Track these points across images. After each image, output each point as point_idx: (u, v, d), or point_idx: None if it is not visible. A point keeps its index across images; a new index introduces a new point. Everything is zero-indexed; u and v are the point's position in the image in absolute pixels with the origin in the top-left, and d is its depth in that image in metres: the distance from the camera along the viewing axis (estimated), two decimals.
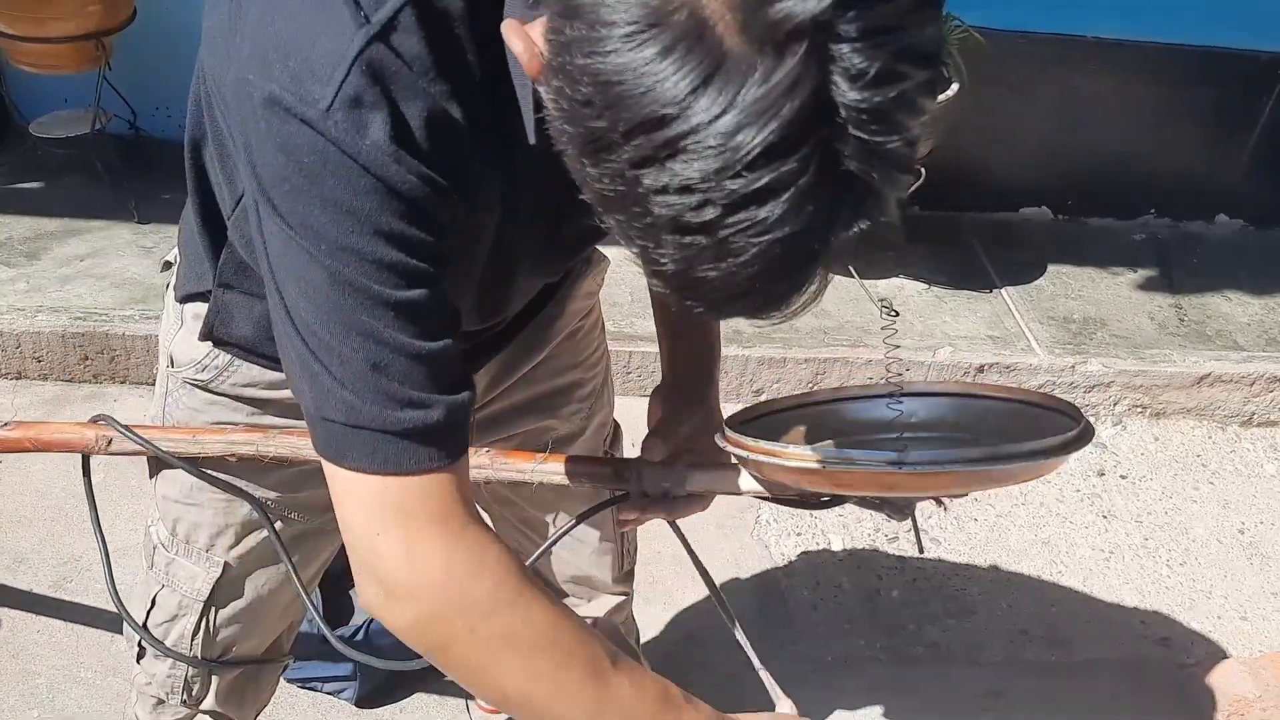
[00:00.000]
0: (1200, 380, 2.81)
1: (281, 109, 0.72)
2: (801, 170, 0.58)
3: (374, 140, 0.72)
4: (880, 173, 0.60)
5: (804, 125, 0.57)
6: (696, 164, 0.58)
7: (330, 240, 0.74)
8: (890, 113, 0.58)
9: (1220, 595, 2.39)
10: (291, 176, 0.73)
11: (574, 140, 0.63)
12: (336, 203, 0.73)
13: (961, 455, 0.88)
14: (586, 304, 1.32)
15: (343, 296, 0.75)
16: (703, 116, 0.57)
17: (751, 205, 0.59)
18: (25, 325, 2.49)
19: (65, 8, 2.57)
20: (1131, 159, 3.22)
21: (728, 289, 0.64)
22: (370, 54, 0.72)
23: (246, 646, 1.28)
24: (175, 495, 1.18)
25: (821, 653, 2.19)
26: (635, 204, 0.62)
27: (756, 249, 0.61)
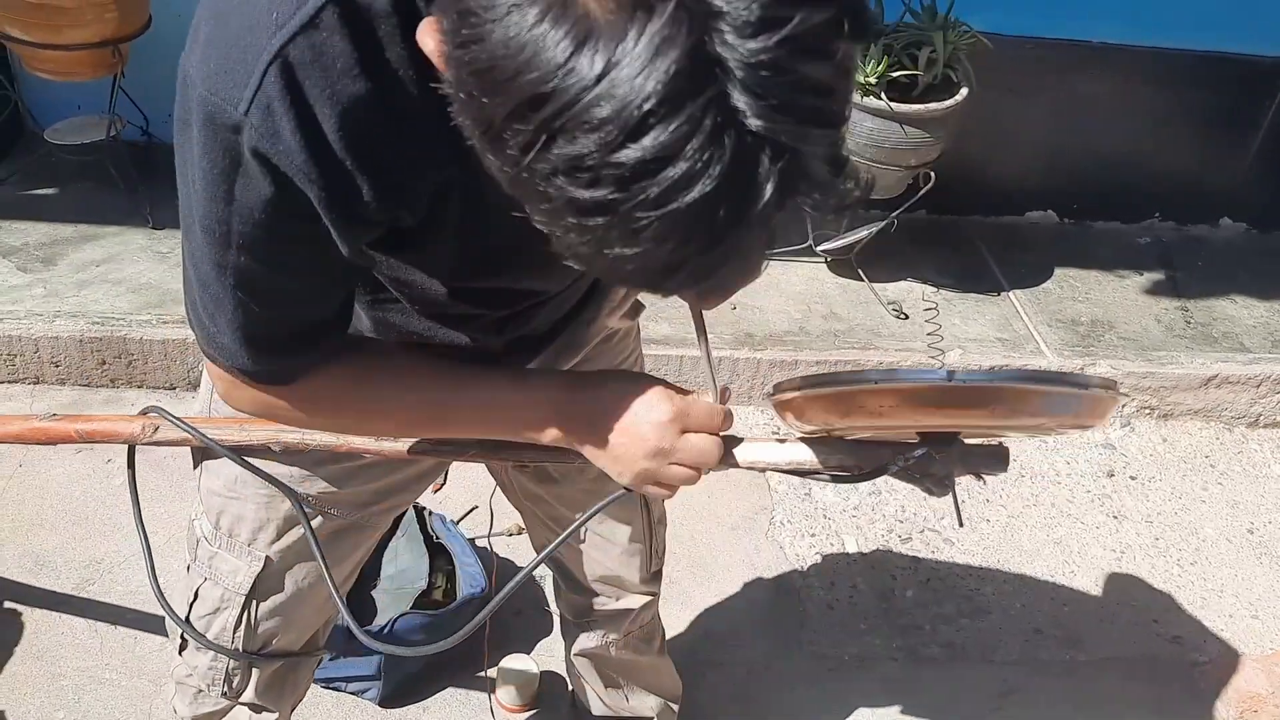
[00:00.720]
0: (1207, 382, 2.83)
1: (207, 107, 0.77)
2: (691, 132, 0.55)
3: (286, 145, 0.75)
4: (788, 128, 0.56)
5: (686, 82, 0.54)
6: (580, 140, 0.56)
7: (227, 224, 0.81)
8: (784, 61, 0.55)
9: (1231, 594, 2.42)
10: (207, 165, 0.79)
11: (472, 133, 0.62)
12: (242, 199, 0.79)
13: (1009, 374, 0.89)
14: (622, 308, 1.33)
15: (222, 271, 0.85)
16: (577, 88, 0.55)
17: (645, 176, 0.56)
18: (43, 330, 2.50)
19: (82, 15, 2.58)
20: (1136, 163, 3.25)
21: (650, 267, 0.61)
22: (287, 54, 0.73)
23: (286, 640, 1.29)
24: (219, 489, 1.20)
25: (837, 652, 2.21)
26: (534, 191, 0.60)
27: (660, 222, 0.57)
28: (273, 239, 0.82)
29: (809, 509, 2.51)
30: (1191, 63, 3.11)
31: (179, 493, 2.21)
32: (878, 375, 0.89)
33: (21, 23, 2.58)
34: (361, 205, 0.80)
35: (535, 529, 1.51)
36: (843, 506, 2.52)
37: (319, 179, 0.77)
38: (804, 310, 2.87)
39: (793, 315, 2.84)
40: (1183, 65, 3.11)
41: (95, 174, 2.90)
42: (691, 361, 2.65)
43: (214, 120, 0.77)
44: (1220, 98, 3.18)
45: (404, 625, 1.92)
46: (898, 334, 2.82)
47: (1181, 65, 3.11)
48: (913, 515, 2.52)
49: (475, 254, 0.94)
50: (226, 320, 0.88)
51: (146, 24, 2.76)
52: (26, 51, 2.67)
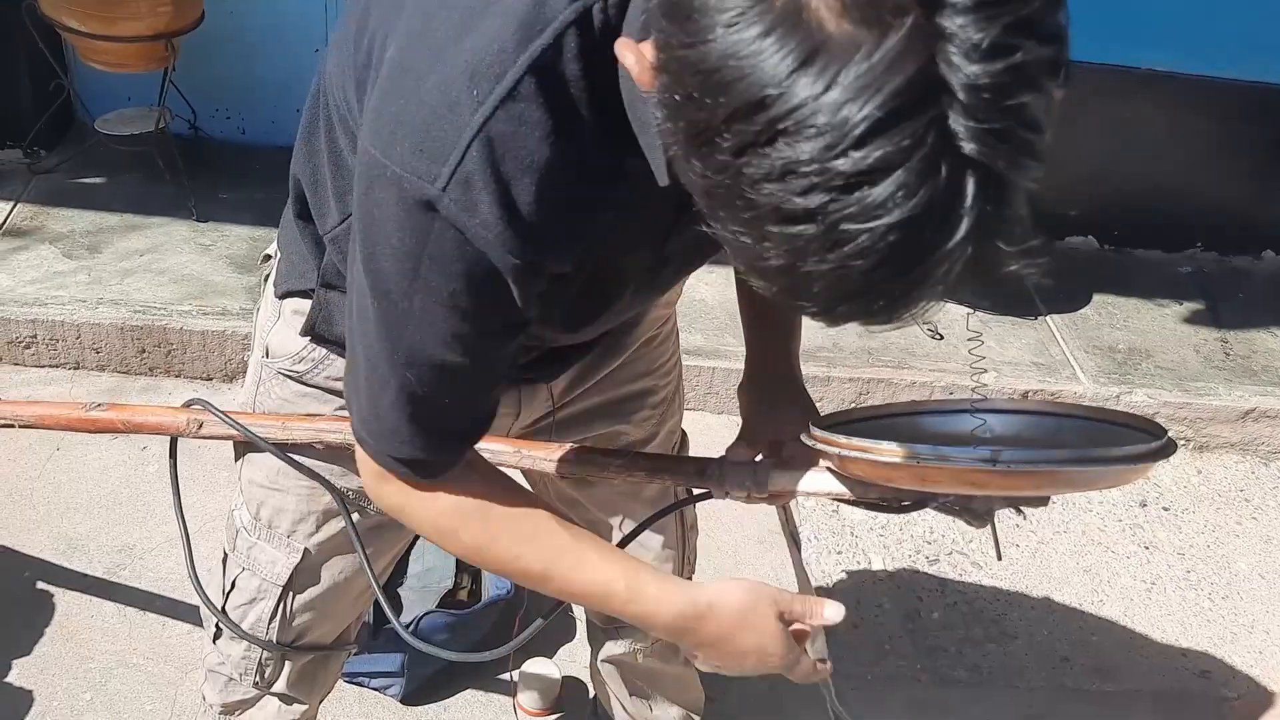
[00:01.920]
0: (1245, 415, 2.80)
1: (399, 187, 0.77)
2: (911, 148, 0.55)
3: (483, 219, 0.76)
4: (1001, 155, 0.57)
5: (913, 100, 0.55)
6: (800, 145, 0.56)
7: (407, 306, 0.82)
8: (1007, 88, 0.56)
9: (1263, 630, 2.38)
10: (395, 245, 0.80)
11: (679, 138, 0.62)
12: (428, 277, 0.80)
13: (1054, 456, 0.89)
14: (664, 313, 1.34)
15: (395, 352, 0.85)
16: (804, 95, 0.55)
17: (859, 187, 0.56)
18: (86, 316, 2.53)
19: (138, 8, 2.63)
20: (1179, 191, 3.22)
21: (839, 286, 0.61)
22: (489, 129, 0.74)
23: (319, 633, 1.30)
24: (261, 480, 1.21)
25: (862, 671, 2.19)
26: (739, 197, 0.60)
27: (867, 237, 0.57)
28: (454, 315, 0.83)
29: (836, 525, 2.50)
30: (1240, 93, 3.08)
31: (212, 482, 2.23)
32: (923, 453, 0.89)
33: (78, 14, 2.62)
34: (548, 263, 0.82)
35: None
36: (870, 525, 2.51)
37: (515, 248, 0.78)
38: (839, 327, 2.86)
39: (826, 331, 2.83)
40: (1231, 95, 3.08)
41: (142, 165, 2.94)
42: (724, 374, 2.64)
43: (406, 197, 0.77)
44: (1266, 129, 3.15)
45: (429, 624, 1.92)
46: (932, 354, 2.81)
47: (1229, 95, 3.08)
48: (941, 536, 2.50)
49: (586, 300, 0.96)
50: (390, 402, 0.89)
51: (199, 19, 2.80)
52: (81, 42, 2.72)
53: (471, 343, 0.85)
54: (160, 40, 2.70)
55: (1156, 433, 0.98)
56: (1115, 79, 3.04)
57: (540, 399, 1.24)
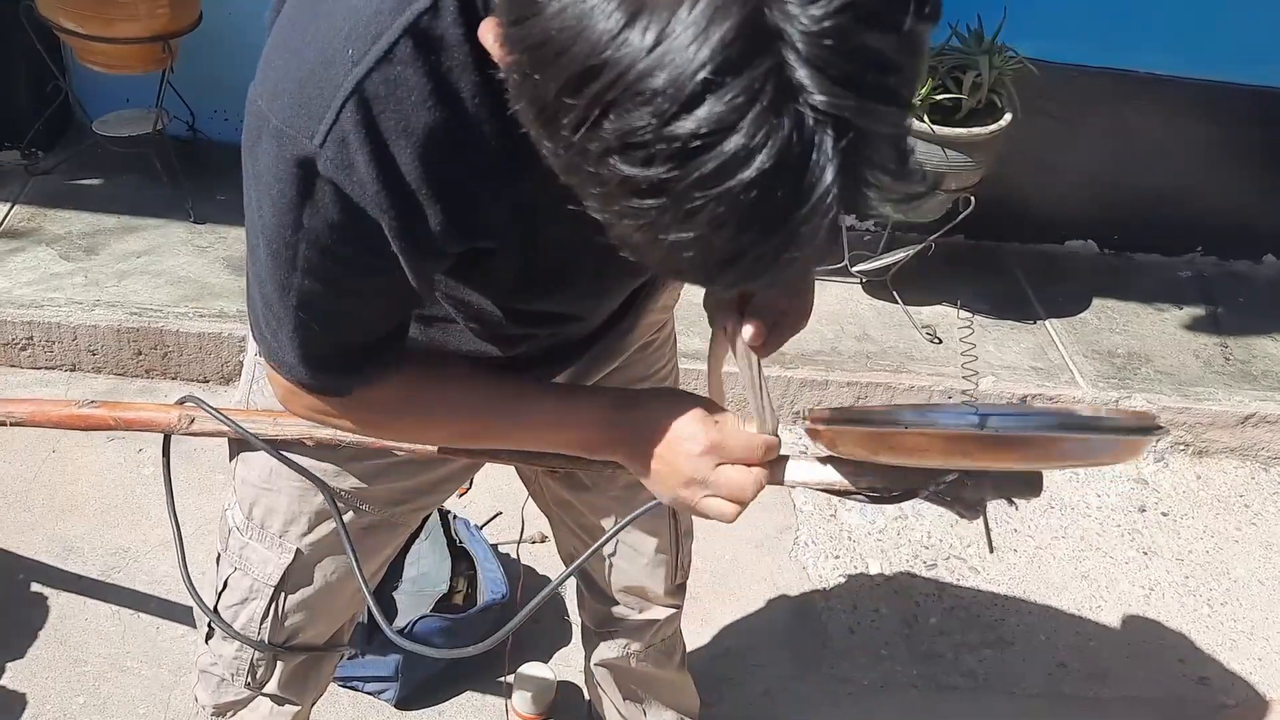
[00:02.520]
0: (1245, 420, 2.80)
1: (280, 141, 0.77)
2: (748, 103, 0.53)
3: (359, 178, 0.76)
4: (852, 103, 0.54)
5: (742, 51, 0.52)
6: (632, 114, 0.54)
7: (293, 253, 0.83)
8: (847, 29, 0.53)
9: (1262, 637, 2.37)
10: (277, 195, 0.80)
11: (527, 117, 0.61)
12: (311, 228, 0.81)
13: (1042, 422, 0.88)
14: (661, 318, 1.33)
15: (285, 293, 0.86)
16: (630, 59, 0.53)
17: (700, 152, 0.54)
18: (83, 319, 2.53)
19: (135, 9, 2.62)
20: (1179, 196, 3.22)
21: (708, 256, 0.59)
22: (363, 89, 0.74)
23: (312, 633, 1.30)
24: (254, 479, 1.20)
25: (857, 676, 2.18)
26: (589, 175, 0.58)
27: (717, 204, 0.55)
28: (338, 265, 0.83)
29: (834, 530, 2.49)
30: (1241, 97, 3.08)
31: (206, 485, 2.22)
32: (911, 418, 0.88)
33: (76, 15, 2.62)
34: (431, 235, 0.81)
35: (563, 536, 1.51)
36: (868, 529, 2.50)
37: (391, 209, 0.78)
38: (836, 330, 2.86)
39: (825, 335, 2.83)
40: (1232, 99, 3.08)
41: (140, 167, 2.94)
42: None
43: (286, 152, 0.78)
44: (1267, 133, 3.15)
45: (424, 628, 1.92)
46: (931, 358, 2.80)
47: (1231, 99, 3.08)
48: (938, 541, 2.50)
49: (536, 274, 0.94)
50: (287, 337, 0.90)
51: (197, 21, 2.79)
52: (79, 43, 2.71)
53: (359, 288, 0.87)
54: (158, 42, 2.70)
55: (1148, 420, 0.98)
56: (1115, 83, 3.04)
57: None
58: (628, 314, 1.24)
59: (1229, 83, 3.04)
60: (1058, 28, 2.90)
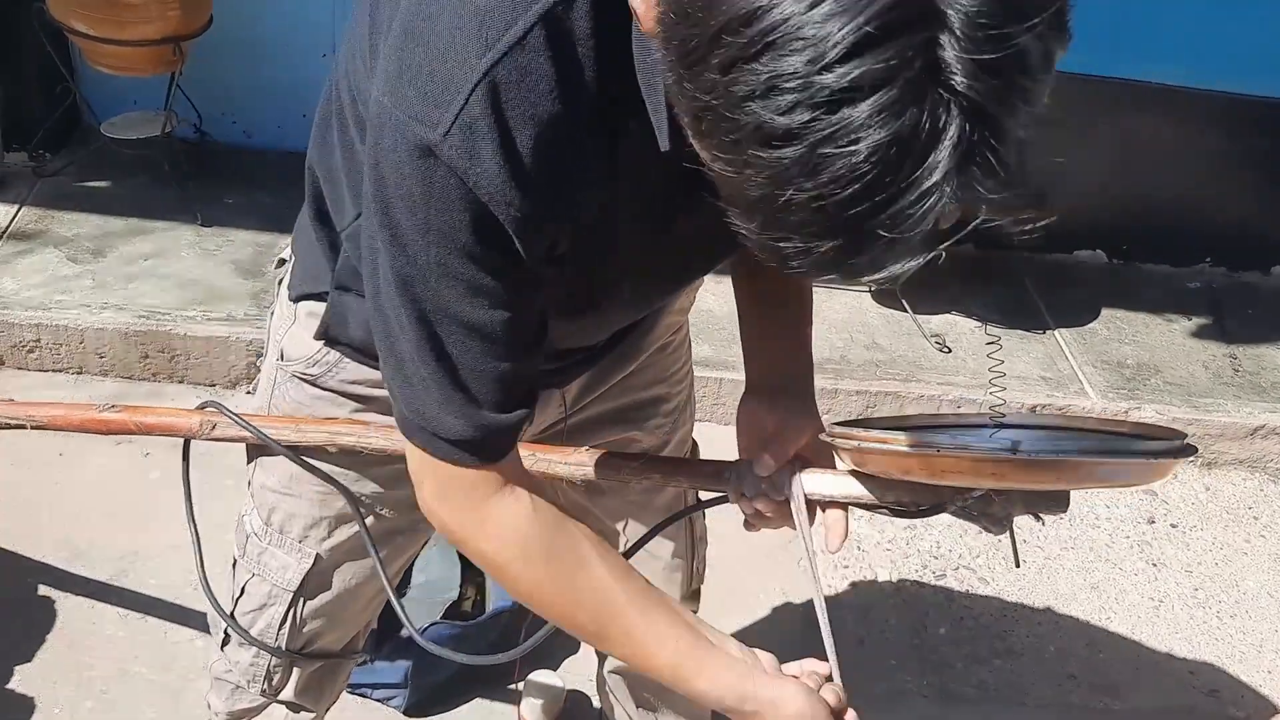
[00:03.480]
0: (1254, 432, 2.79)
1: (404, 133, 0.76)
2: (898, 69, 0.54)
3: (484, 167, 0.75)
4: (993, 94, 0.55)
5: (903, 20, 0.54)
6: (786, 59, 0.55)
7: (425, 259, 0.80)
8: (1005, 24, 0.55)
9: (1271, 649, 2.37)
10: (404, 194, 0.78)
11: (672, 62, 0.61)
12: (439, 226, 0.78)
13: (1075, 446, 0.88)
14: (678, 320, 1.33)
15: (423, 315, 0.83)
16: (793, 8, 0.55)
17: (841, 106, 0.55)
18: (90, 321, 2.52)
19: (146, 11, 2.62)
20: (1188, 206, 3.22)
21: (818, 220, 0.59)
22: (495, 75, 0.73)
23: (329, 640, 1.29)
24: (273, 485, 1.20)
25: (868, 686, 2.17)
26: (724, 118, 0.59)
27: (845, 163, 0.56)
28: (470, 263, 0.80)
29: None
30: (1250, 108, 3.08)
31: (217, 489, 2.20)
32: (943, 442, 0.88)
33: (86, 17, 2.61)
34: (546, 223, 0.80)
35: None
36: (877, 539, 2.50)
37: (514, 199, 0.77)
38: (845, 339, 2.85)
39: (834, 343, 2.83)
40: (1241, 110, 3.08)
41: (148, 169, 2.93)
42: (731, 385, 2.63)
43: (410, 144, 0.76)
44: (1277, 144, 3.15)
45: (433, 634, 1.91)
46: (940, 367, 2.80)
47: (1240, 110, 3.08)
48: (947, 552, 2.49)
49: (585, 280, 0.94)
50: (431, 369, 0.85)
51: (208, 23, 2.79)
52: (89, 45, 2.71)
53: (493, 294, 0.83)
54: (168, 44, 2.69)
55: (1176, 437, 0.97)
56: (1125, 93, 3.03)
57: (553, 404, 1.22)
58: (646, 317, 1.23)
59: (1239, 93, 3.04)
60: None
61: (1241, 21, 2.96)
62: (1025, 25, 0.55)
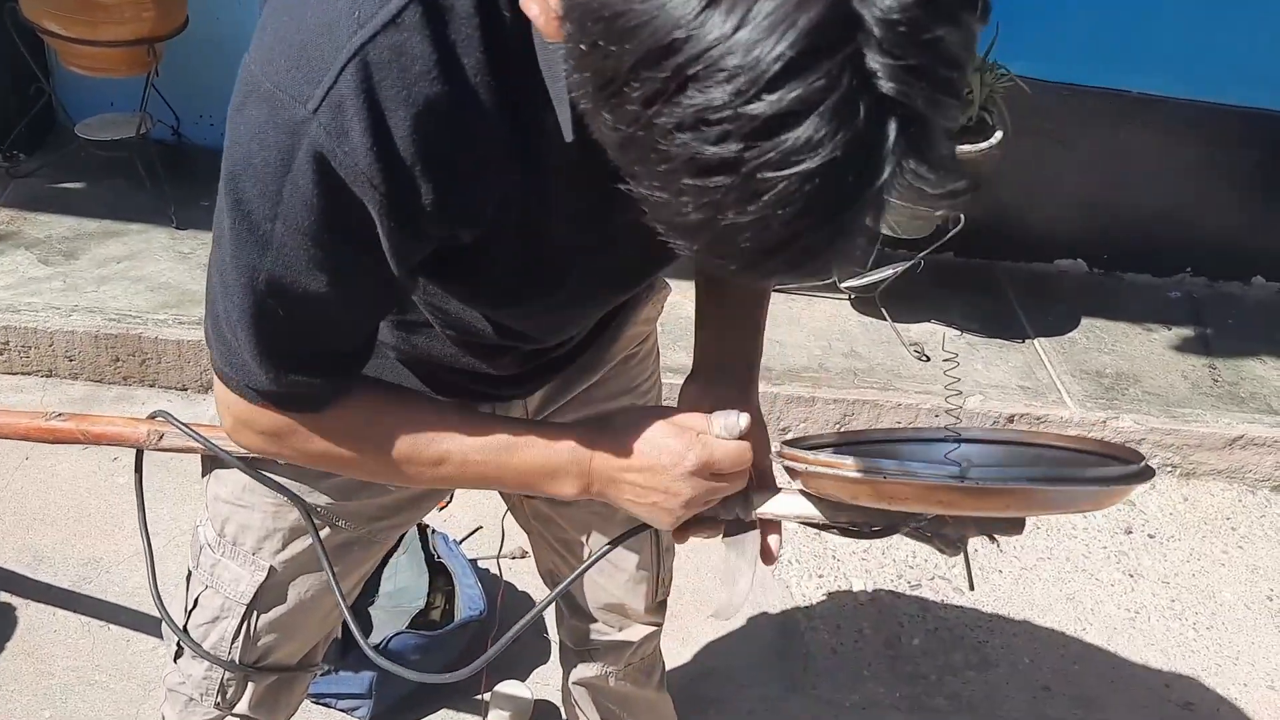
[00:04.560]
0: (1232, 442, 2.78)
1: (270, 104, 0.74)
2: (828, 88, 0.53)
3: (352, 146, 0.73)
4: (922, 95, 0.55)
5: (826, 37, 0.53)
6: (711, 90, 0.54)
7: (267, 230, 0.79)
8: (923, 22, 0.54)
9: (1247, 662, 2.36)
10: (260, 165, 0.76)
11: (587, 89, 0.59)
12: (290, 202, 0.76)
13: (1023, 474, 0.87)
14: (644, 330, 1.31)
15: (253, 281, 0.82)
16: (713, 36, 0.53)
17: (775, 132, 0.54)
18: (60, 324, 2.49)
19: (120, 12, 2.59)
20: (1170, 216, 3.22)
21: (762, 238, 0.58)
22: (366, 53, 0.71)
23: (284, 653, 1.27)
24: (226, 496, 1.18)
25: (840, 697, 2.16)
26: (652, 150, 0.57)
27: (787, 184, 0.55)
28: (315, 246, 0.79)
29: (818, 549, 2.47)
30: (1232, 118, 3.08)
31: (184, 495, 2.19)
32: (891, 469, 0.87)
33: (60, 18, 2.59)
34: (421, 214, 0.78)
35: (542, 552, 1.48)
36: (852, 549, 2.48)
37: (382, 183, 0.75)
38: (824, 347, 2.84)
39: (812, 351, 2.81)
40: (1223, 120, 3.08)
41: (123, 171, 2.91)
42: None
43: (276, 117, 0.74)
44: (1257, 154, 3.15)
45: (399, 644, 1.89)
46: (919, 376, 2.78)
47: (1221, 120, 3.08)
48: (923, 562, 2.48)
49: (520, 277, 0.91)
50: (249, 333, 0.85)
51: (183, 24, 2.77)
52: (63, 46, 2.68)
53: (333, 275, 0.82)
54: (143, 45, 2.67)
55: (1134, 460, 0.96)
56: (1106, 103, 3.03)
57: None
58: (609, 326, 1.22)
59: (1220, 104, 3.05)
60: (1050, 47, 2.90)
61: (1223, 32, 2.96)
62: (944, 18, 0.54)
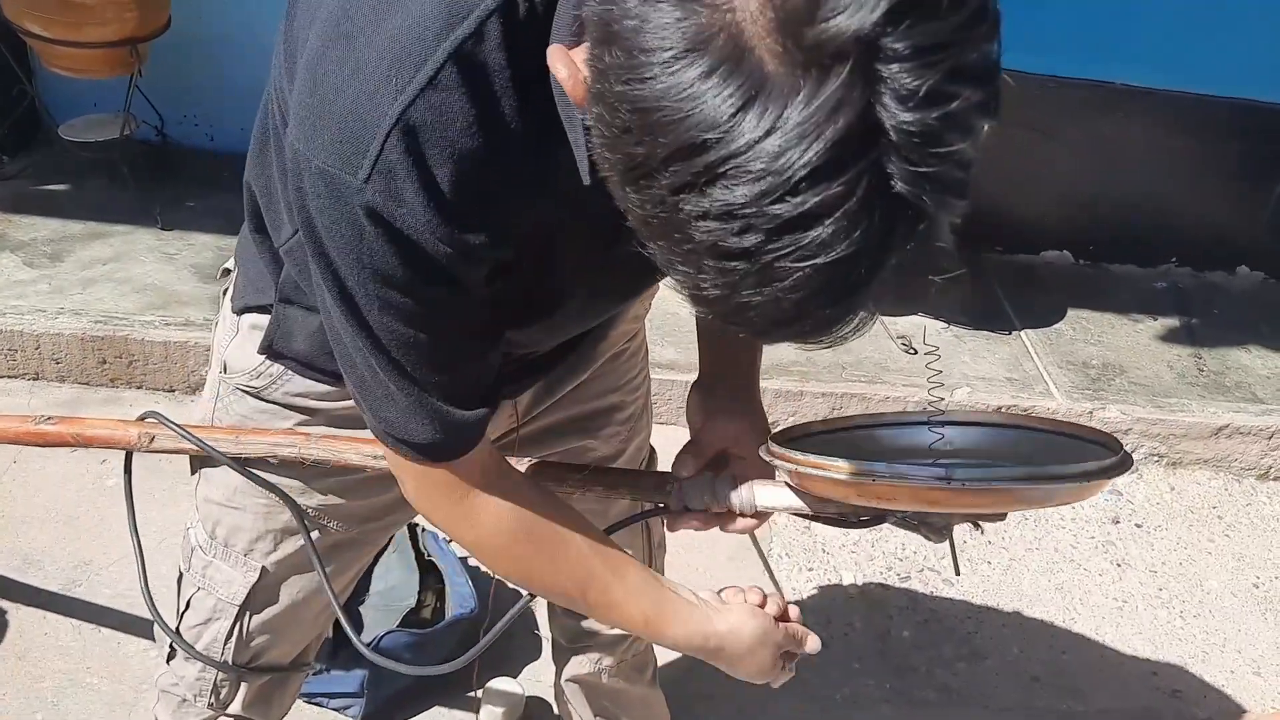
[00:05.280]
0: (1218, 431, 2.80)
1: (324, 180, 0.76)
2: (848, 193, 0.57)
3: (409, 208, 0.76)
4: (932, 197, 0.58)
5: (851, 147, 0.56)
6: (739, 189, 0.57)
7: (364, 292, 0.82)
8: (940, 134, 0.56)
9: (1234, 649, 2.38)
10: (334, 236, 0.79)
11: (615, 167, 0.62)
12: (372, 264, 0.79)
13: (1007, 474, 0.91)
14: (632, 328, 1.32)
15: (373, 339, 0.85)
16: (745, 140, 0.56)
17: (796, 230, 0.57)
18: (46, 326, 2.48)
19: (102, 13, 2.59)
20: (1155, 207, 3.23)
21: (773, 315, 0.62)
22: (409, 118, 0.73)
23: (276, 653, 1.27)
24: (218, 498, 1.18)
25: (830, 691, 2.17)
26: (676, 230, 0.61)
27: (801, 274, 0.59)
28: (406, 297, 0.82)
29: (808, 543, 2.48)
30: (1216, 109, 3.10)
31: (173, 497, 2.18)
32: (880, 471, 0.90)
33: (42, 19, 2.58)
34: (476, 246, 0.81)
35: None
36: (842, 542, 2.49)
37: (444, 234, 0.78)
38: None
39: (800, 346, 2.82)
40: (1207, 111, 3.10)
41: (107, 172, 2.90)
42: None
43: (334, 191, 0.76)
44: (1243, 145, 3.17)
45: (390, 642, 1.89)
46: (905, 369, 2.80)
47: (1206, 111, 3.10)
48: (912, 554, 2.49)
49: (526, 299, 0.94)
50: (391, 386, 0.88)
51: (166, 25, 2.76)
52: (45, 48, 2.67)
53: (436, 313, 0.85)
54: (126, 46, 2.66)
55: (1114, 447, 0.98)
56: (1092, 94, 3.05)
57: (504, 415, 1.21)
58: (599, 326, 1.22)
59: (1206, 95, 3.06)
60: (1035, 39, 2.90)
61: (1208, 23, 2.98)
62: (961, 130, 0.57)
